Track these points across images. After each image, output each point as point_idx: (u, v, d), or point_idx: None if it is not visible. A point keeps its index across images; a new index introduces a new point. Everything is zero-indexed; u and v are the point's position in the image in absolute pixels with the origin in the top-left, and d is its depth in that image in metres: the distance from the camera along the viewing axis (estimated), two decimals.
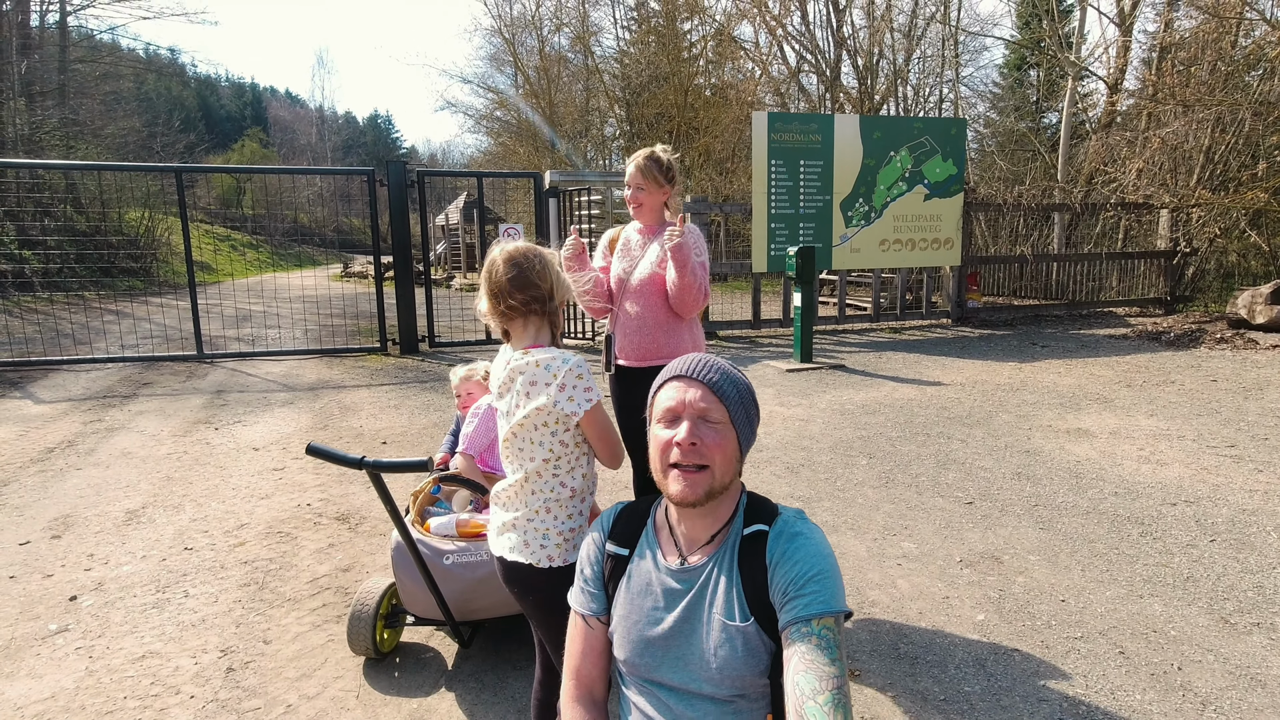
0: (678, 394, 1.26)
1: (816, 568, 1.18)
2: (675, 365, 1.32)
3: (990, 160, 19.47)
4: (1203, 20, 11.36)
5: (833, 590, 1.16)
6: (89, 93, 20.33)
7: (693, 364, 1.29)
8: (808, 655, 1.10)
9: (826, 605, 1.14)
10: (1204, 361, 7.62)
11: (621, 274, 2.70)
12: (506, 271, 1.66)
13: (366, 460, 1.87)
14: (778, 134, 9.35)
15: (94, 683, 2.40)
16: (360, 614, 2.43)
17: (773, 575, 1.21)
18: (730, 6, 21.22)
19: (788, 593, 1.17)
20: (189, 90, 50.75)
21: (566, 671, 1.39)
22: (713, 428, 1.24)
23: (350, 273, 23.34)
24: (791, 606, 1.16)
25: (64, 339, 9.40)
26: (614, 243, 2.82)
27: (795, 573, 1.18)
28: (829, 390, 6.64)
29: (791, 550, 1.21)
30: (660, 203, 2.67)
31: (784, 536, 1.23)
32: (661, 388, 1.31)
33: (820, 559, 1.19)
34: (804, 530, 1.25)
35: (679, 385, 1.27)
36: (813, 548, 1.21)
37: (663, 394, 1.29)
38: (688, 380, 1.27)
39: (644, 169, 2.60)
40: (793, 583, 1.17)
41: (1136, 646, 2.55)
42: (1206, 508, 3.76)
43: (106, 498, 4.11)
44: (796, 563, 1.19)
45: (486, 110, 28.06)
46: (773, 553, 1.22)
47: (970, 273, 10.87)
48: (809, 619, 1.13)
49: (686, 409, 1.24)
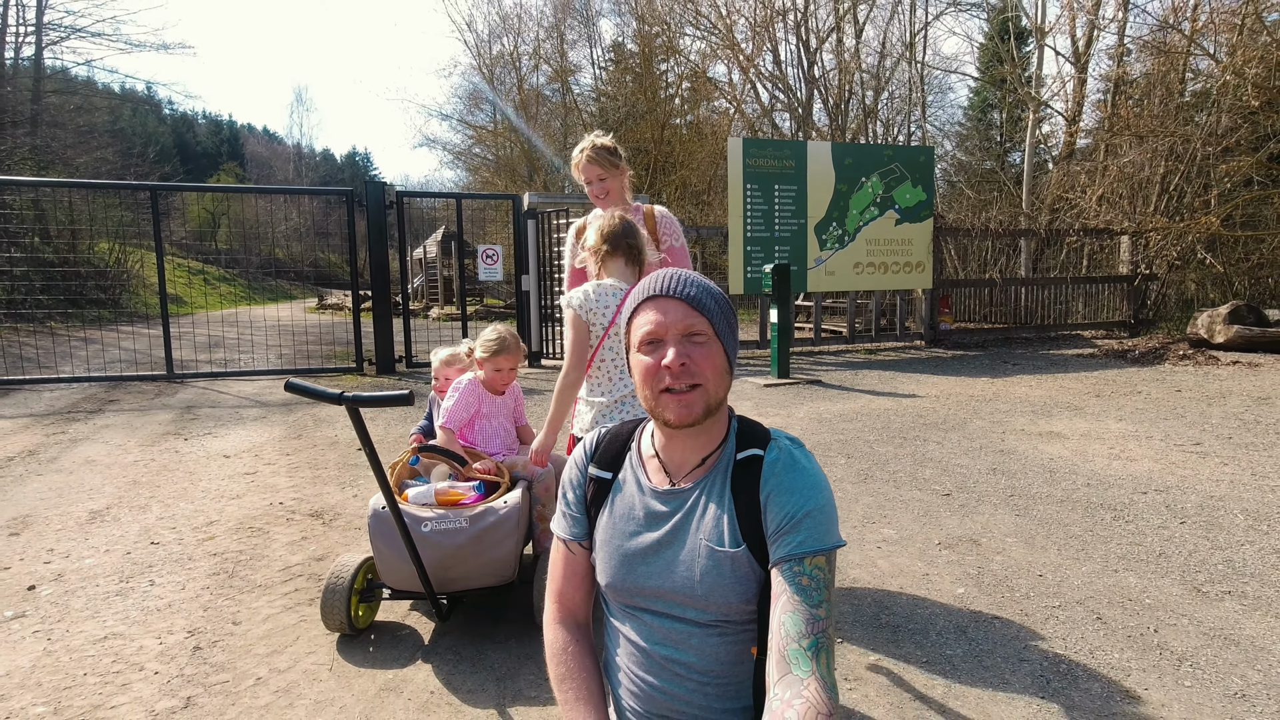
0: (657, 315, 1.20)
1: (813, 503, 1.14)
2: (646, 285, 1.25)
3: (959, 191, 20.09)
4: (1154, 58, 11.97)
5: (827, 526, 1.13)
6: (62, 124, 20.18)
7: (666, 281, 1.22)
8: (796, 596, 1.08)
9: (820, 543, 1.11)
10: (1168, 376, 7.83)
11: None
12: (624, 223, 2.28)
13: (346, 395, 1.84)
14: (753, 159, 9.58)
15: (52, 662, 2.30)
16: (335, 587, 2.37)
17: (766, 505, 1.16)
18: (705, 47, 21.92)
19: (781, 527, 1.13)
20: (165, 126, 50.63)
21: (549, 595, 1.37)
22: (698, 343, 1.19)
23: (325, 305, 23.15)
24: (785, 542, 1.12)
25: (26, 362, 9.17)
26: (580, 233, 2.75)
27: (791, 507, 1.14)
28: (806, 402, 6.70)
29: (788, 482, 1.16)
30: (623, 185, 2.66)
31: (780, 465, 1.18)
32: (637, 311, 1.24)
33: (817, 492, 1.15)
34: (802, 460, 1.20)
35: (657, 306, 1.21)
36: (810, 480, 1.16)
37: (640, 318, 1.23)
38: (665, 299, 1.21)
39: (594, 157, 2.57)
40: (788, 517, 1.13)
41: (1113, 613, 2.57)
42: (1176, 495, 3.84)
43: (69, 499, 3.98)
44: (793, 495, 1.15)
45: (464, 146, 28.39)
46: (768, 481, 1.17)
47: (942, 296, 11.11)
48: (801, 557, 1.10)
49: (669, 330, 1.18)
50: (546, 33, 25.52)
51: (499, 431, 2.85)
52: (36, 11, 19.11)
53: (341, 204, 8.98)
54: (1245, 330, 8.98)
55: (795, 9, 20.38)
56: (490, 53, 25.97)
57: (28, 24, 19.13)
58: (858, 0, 20.22)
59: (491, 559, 2.36)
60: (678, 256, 2.70)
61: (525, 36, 25.38)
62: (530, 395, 7.22)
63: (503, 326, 2.83)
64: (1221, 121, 11.04)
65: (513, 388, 2.94)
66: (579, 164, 2.62)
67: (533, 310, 9.36)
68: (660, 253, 2.63)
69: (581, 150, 2.61)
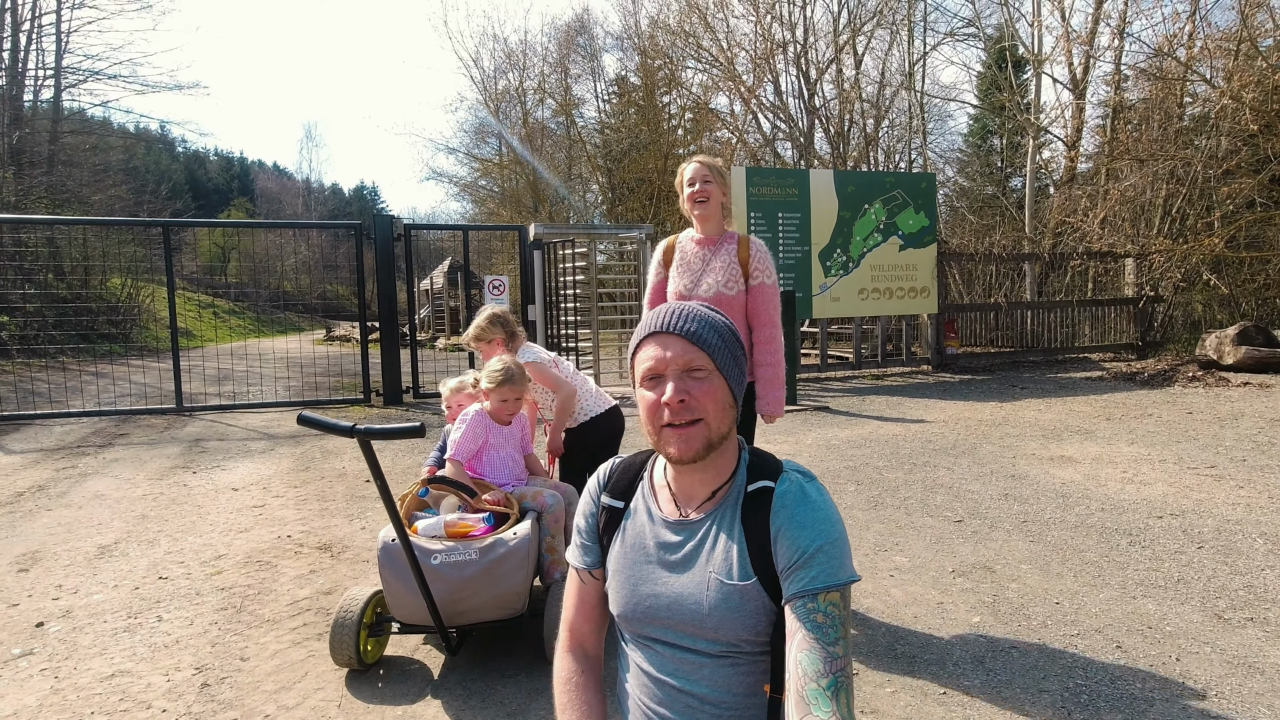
0: (656, 351, 1.19)
1: (825, 537, 1.12)
2: (648, 320, 1.24)
3: (961, 216, 20.20)
4: (1151, 84, 12.10)
5: (840, 561, 1.11)
6: (78, 163, 20.60)
7: (667, 317, 1.21)
8: (812, 633, 1.06)
9: (833, 578, 1.09)
10: (1179, 398, 7.78)
11: (683, 290, 2.61)
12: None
13: (358, 428, 1.85)
14: (756, 188, 9.68)
15: (59, 700, 2.28)
16: (344, 621, 2.35)
17: (777, 539, 1.15)
18: (707, 79, 22.29)
19: (794, 563, 1.11)
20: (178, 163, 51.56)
21: (562, 623, 1.37)
22: (698, 379, 1.18)
23: (333, 337, 23.31)
24: (798, 579, 1.10)
25: (38, 397, 9.23)
26: (668, 253, 2.75)
27: (803, 542, 1.12)
28: (814, 429, 6.67)
29: (799, 516, 1.14)
30: (722, 203, 2.62)
31: (791, 498, 1.17)
32: (639, 347, 1.23)
33: (829, 526, 1.13)
34: (813, 493, 1.18)
35: (657, 341, 1.20)
36: (822, 515, 1.15)
37: (641, 354, 1.22)
38: (665, 335, 1.20)
39: (706, 164, 2.60)
40: (800, 552, 1.11)
41: (1133, 641, 2.53)
42: (1192, 519, 3.78)
43: (77, 535, 3.98)
44: (804, 530, 1.12)
45: (470, 179, 28.78)
46: (778, 514, 1.16)
47: (947, 321, 11.11)
48: (815, 593, 1.08)
49: (669, 365, 1.18)
50: (551, 68, 26.05)
51: (507, 462, 2.85)
52: (56, 56, 19.64)
53: (350, 237, 9.10)
54: (1254, 351, 8.94)
55: (795, 41, 20.76)
56: (496, 88, 26.47)
57: (47, 68, 19.66)
58: (856, 32, 20.59)
59: (501, 591, 2.35)
60: (763, 296, 2.59)
61: (530, 72, 25.90)
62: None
63: (508, 358, 2.85)
64: (1221, 144, 11.13)
65: (519, 417, 2.95)
66: (684, 171, 2.66)
67: (539, 340, 9.40)
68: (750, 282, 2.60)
69: (691, 160, 2.67)
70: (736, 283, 2.57)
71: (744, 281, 2.58)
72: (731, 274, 2.58)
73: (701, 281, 2.58)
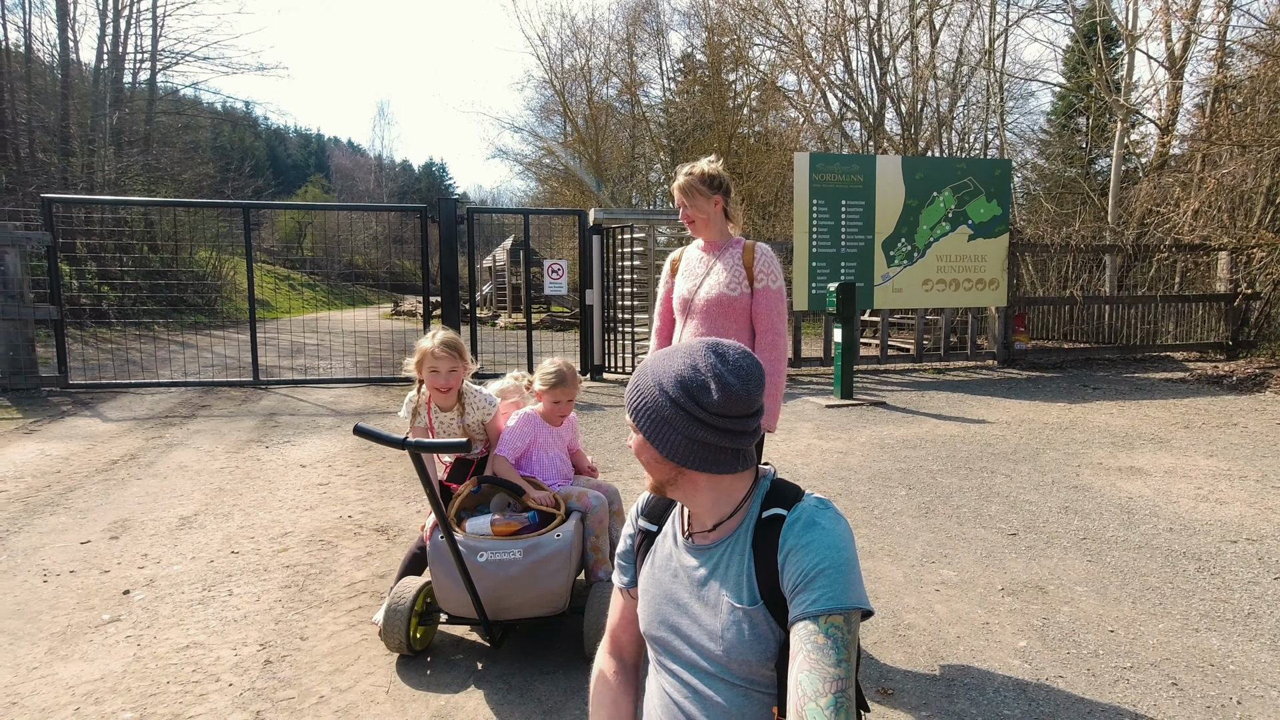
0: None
1: (829, 561, 1.13)
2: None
3: (1037, 203, 19.21)
4: (1259, 61, 11.17)
5: (844, 586, 1.12)
6: (171, 142, 21.79)
7: (629, 387, 1.33)
8: (813, 654, 1.07)
9: (836, 602, 1.10)
10: (1269, 405, 7.28)
11: (686, 294, 2.60)
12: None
13: (409, 441, 1.95)
14: (819, 174, 9.45)
15: (140, 667, 2.49)
16: (396, 608, 2.48)
17: (784, 564, 1.17)
18: (775, 57, 21.74)
19: (797, 586, 1.14)
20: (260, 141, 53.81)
21: (607, 627, 1.50)
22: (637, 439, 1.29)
23: (400, 311, 24.08)
24: (800, 600, 1.12)
25: (132, 365, 9.91)
26: (675, 264, 2.75)
27: (806, 565, 1.14)
28: (869, 425, 6.55)
29: (805, 541, 1.17)
30: (715, 213, 2.56)
31: (799, 524, 1.20)
32: None
33: (834, 551, 1.15)
34: (821, 520, 1.20)
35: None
36: (828, 539, 1.16)
37: None
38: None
39: (685, 189, 2.54)
40: (804, 574, 1.13)
41: (1191, 679, 2.42)
42: (1271, 546, 3.57)
43: (162, 505, 4.29)
44: (808, 554, 1.15)
45: (535, 157, 29.04)
46: (786, 539, 1.19)
47: (1017, 314, 10.66)
48: (816, 615, 1.10)
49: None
50: (617, 46, 25.89)
51: (555, 461, 2.92)
52: (152, 39, 20.78)
53: (417, 216, 9.35)
54: None
55: (868, 16, 19.99)
56: (562, 66, 26.49)
57: (144, 50, 20.77)
58: (934, 6, 19.66)
59: (544, 590, 2.43)
60: (766, 300, 2.55)
61: (596, 50, 25.81)
62: (591, 411, 7.33)
63: (560, 359, 2.90)
64: None
65: (570, 418, 3.01)
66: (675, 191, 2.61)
67: (596, 324, 9.49)
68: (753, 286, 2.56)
69: (678, 177, 2.59)
70: (740, 285, 2.53)
71: (749, 285, 2.55)
72: (735, 276, 2.54)
73: (704, 284, 2.57)
